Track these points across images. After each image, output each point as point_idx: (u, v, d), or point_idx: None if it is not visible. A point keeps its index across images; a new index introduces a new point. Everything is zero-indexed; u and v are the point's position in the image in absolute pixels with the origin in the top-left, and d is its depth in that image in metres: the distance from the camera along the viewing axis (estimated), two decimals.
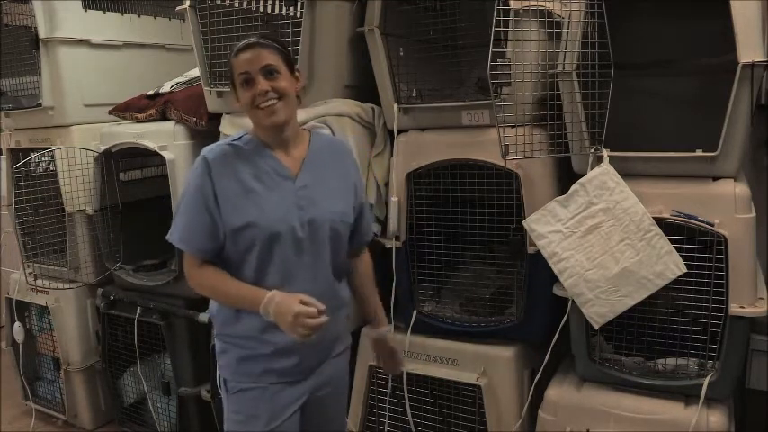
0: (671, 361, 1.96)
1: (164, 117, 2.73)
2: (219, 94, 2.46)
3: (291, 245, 1.60)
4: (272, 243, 1.59)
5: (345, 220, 1.70)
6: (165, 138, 2.65)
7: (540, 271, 2.06)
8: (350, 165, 1.79)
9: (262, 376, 1.66)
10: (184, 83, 2.86)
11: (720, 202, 1.83)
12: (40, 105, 2.91)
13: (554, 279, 2.00)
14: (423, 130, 2.27)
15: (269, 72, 1.56)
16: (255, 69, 1.55)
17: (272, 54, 1.57)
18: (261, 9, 2.38)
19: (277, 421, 1.65)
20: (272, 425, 1.65)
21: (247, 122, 1.68)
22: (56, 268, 3.08)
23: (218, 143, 1.67)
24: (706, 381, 1.87)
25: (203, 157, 1.61)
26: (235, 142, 1.65)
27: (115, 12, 3.11)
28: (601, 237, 1.90)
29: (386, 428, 2.38)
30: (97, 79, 3.02)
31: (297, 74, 1.64)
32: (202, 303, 2.46)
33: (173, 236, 1.65)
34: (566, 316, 2.02)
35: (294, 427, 1.70)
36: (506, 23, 1.83)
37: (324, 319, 1.49)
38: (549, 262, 1.97)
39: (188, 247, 1.63)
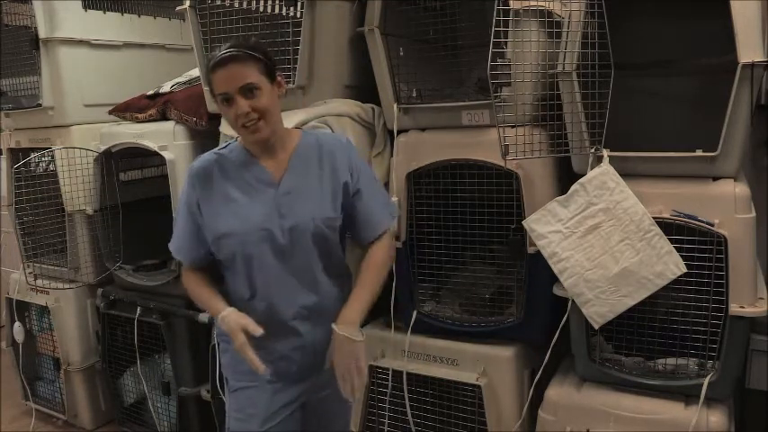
0: (671, 361, 1.96)
1: (164, 117, 2.73)
2: None
3: (272, 253, 1.60)
4: (251, 251, 1.60)
5: (331, 224, 1.65)
6: (165, 138, 2.65)
7: (540, 271, 2.06)
8: (342, 159, 1.68)
9: (259, 375, 1.64)
10: (184, 83, 2.86)
11: (720, 202, 1.83)
12: (40, 105, 2.91)
13: (554, 279, 2.00)
14: (423, 130, 2.27)
15: (248, 90, 1.51)
16: (234, 89, 1.50)
17: (249, 69, 1.51)
18: (261, 9, 2.38)
19: (274, 421, 1.66)
20: (269, 424, 1.65)
21: None
22: (56, 268, 3.08)
23: (206, 153, 1.70)
24: (706, 381, 1.87)
25: (189, 169, 1.67)
26: (221, 151, 1.68)
27: (115, 12, 3.11)
28: (601, 237, 1.90)
29: (386, 428, 2.38)
30: (97, 79, 3.02)
31: (278, 79, 1.60)
32: None
33: (172, 246, 1.74)
34: (566, 316, 2.01)
35: (293, 427, 1.70)
36: (506, 23, 1.83)
37: (260, 366, 1.52)
38: (549, 262, 1.97)
39: (180, 256, 1.71)
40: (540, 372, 2.15)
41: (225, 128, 2.45)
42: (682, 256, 1.84)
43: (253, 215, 1.60)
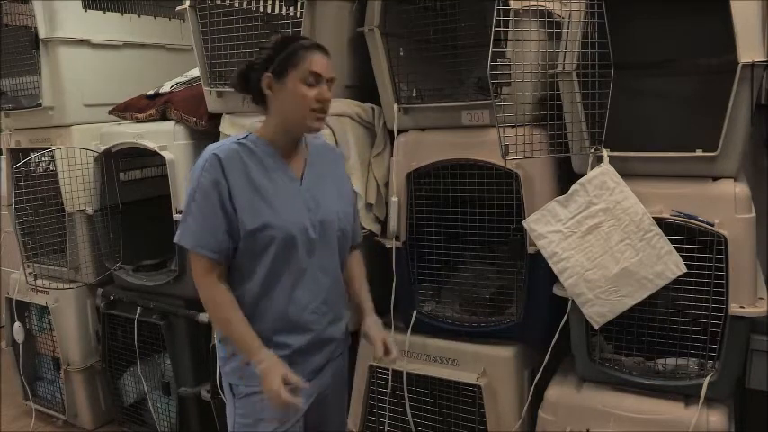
0: (671, 361, 1.96)
1: (164, 117, 2.73)
2: (219, 94, 2.46)
3: (304, 246, 1.61)
4: (288, 245, 1.58)
5: (350, 219, 1.75)
6: (165, 138, 2.65)
7: (540, 271, 2.06)
8: (343, 170, 1.83)
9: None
10: (184, 83, 2.86)
11: (720, 202, 1.83)
12: (40, 105, 2.92)
13: (554, 279, 2.00)
14: (423, 130, 2.27)
15: (330, 83, 1.60)
16: (327, 76, 1.58)
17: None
18: (261, 9, 2.38)
19: (287, 424, 1.64)
20: (283, 428, 1.64)
21: (247, 122, 1.68)
22: (56, 268, 3.08)
23: (223, 142, 1.62)
24: (706, 381, 1.87)
25: (215, 155, 1.55)
26: (243, 141, 1.61)
27: (115, 12, 3.12)
28: (601, 237, 1.90)
29: (386, 428, 2.38)
30: (97, 79, 3.02)
31: None
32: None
33: (185, 239, 1.59)
34: (566, 316, 2.01)
35: (300, 429, 1.69)
36: (506, 23, 1.84)
37: (298, 400, 1.53)
38: (549, 262, 1.97)
39: (204, 250, 1.56)
40: (540, 372, 2.15)
41: (225, 128, 2.45)
42: (682, 256, 1.84)
43: (287, 208, 1.60)
